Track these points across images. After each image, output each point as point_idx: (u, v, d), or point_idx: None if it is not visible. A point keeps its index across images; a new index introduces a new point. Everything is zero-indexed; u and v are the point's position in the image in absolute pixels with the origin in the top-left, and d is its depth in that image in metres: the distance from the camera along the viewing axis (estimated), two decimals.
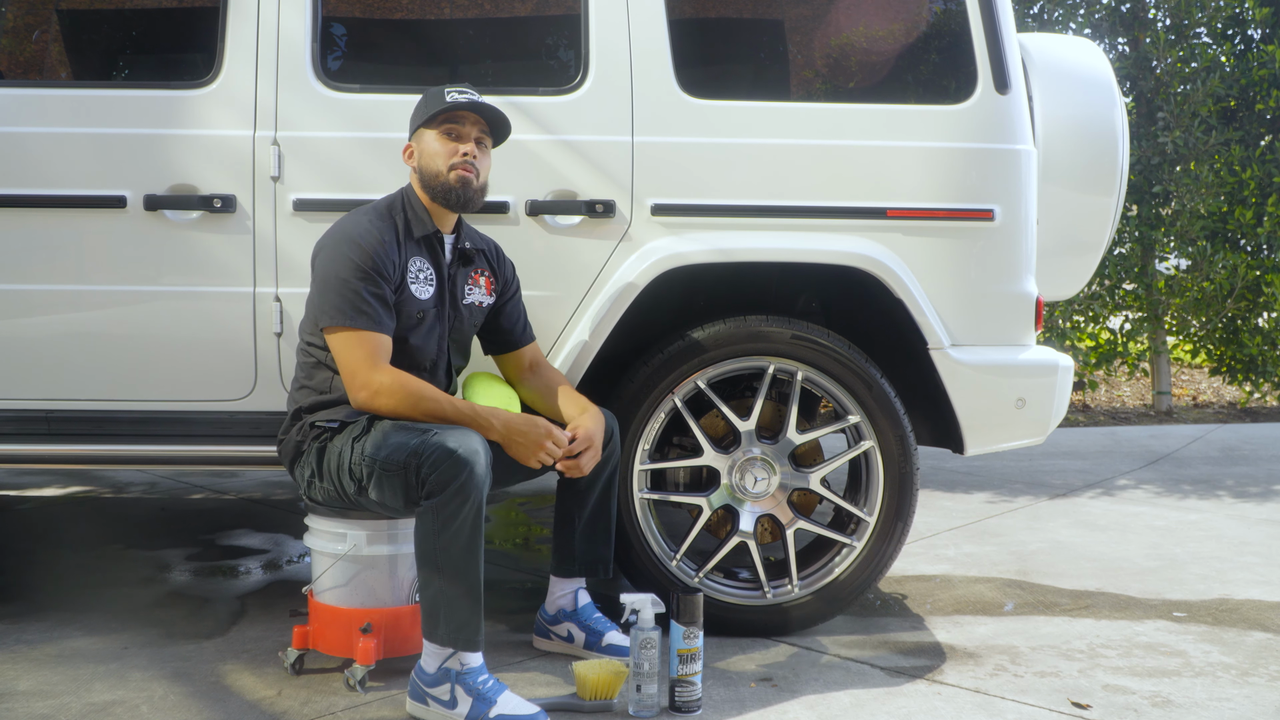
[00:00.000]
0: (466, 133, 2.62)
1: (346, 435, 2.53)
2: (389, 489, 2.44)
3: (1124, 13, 6.82)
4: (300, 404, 2.61)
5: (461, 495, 2.34)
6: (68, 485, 4.89)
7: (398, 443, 2.42)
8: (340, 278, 2.50)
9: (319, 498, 2.61)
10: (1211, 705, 2.61)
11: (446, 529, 2.36)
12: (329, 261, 2.52)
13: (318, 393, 2.60)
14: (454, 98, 2.59)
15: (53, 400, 2.88)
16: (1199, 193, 6.45)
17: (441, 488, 2.34)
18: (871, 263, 2.88)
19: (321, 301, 2.52)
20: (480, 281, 2.74)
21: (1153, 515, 4.56)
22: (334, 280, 2.50)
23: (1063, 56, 3.36)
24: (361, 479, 2.48)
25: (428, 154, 2.62)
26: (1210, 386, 8.41)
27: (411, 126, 2.67)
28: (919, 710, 2.55)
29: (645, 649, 2.48)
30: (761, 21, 3.30)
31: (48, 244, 2.84)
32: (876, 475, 2.96)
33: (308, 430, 2.58)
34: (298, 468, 2.61)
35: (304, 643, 2.69)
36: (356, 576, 2.64)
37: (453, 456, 2.34)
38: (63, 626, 3.02)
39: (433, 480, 2.35)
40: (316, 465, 2.56)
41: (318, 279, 2.55)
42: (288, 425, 2.63)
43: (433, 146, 2.62)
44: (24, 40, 3.26)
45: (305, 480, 2.60)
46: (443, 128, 2.61)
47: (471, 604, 2.38)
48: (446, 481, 2.34)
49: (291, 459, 2.62)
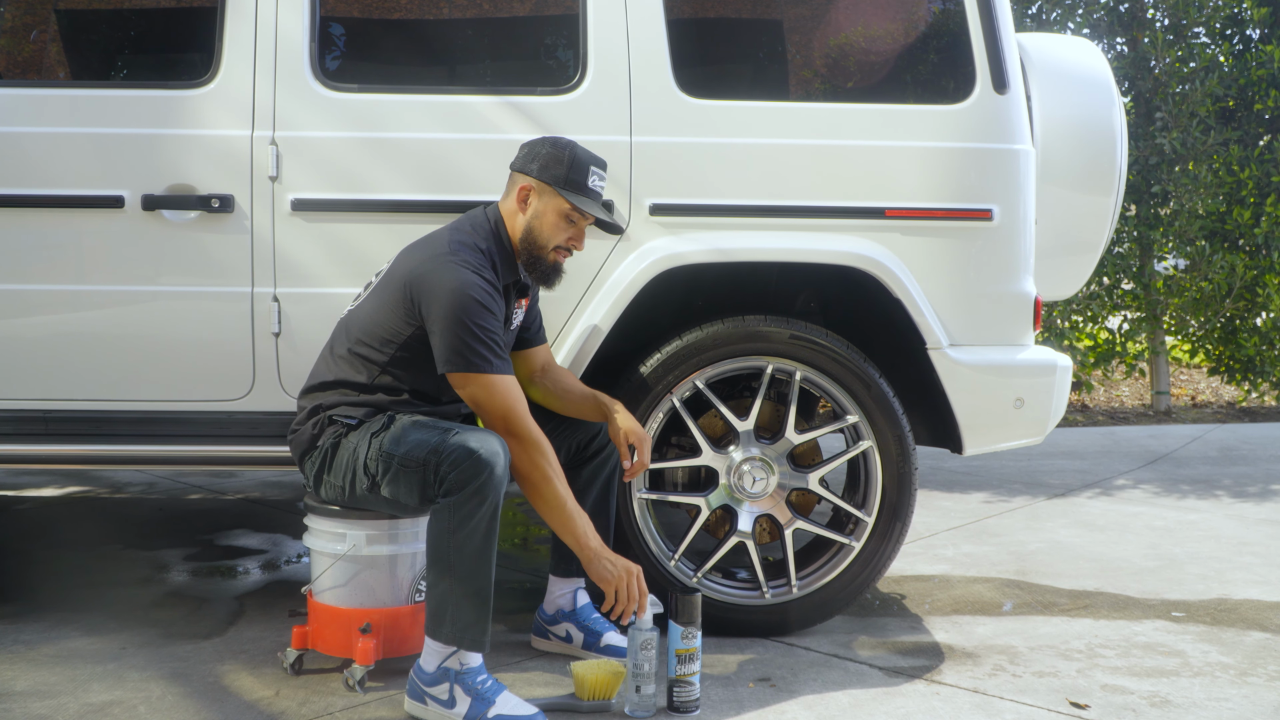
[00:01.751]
0: (586, 220, 2.61)
1: (364, 431, 2.52)
2: (405, 485, 2.43)
3: (1122, 13, 6.82)
4: (321, 400, 2.59)
5: (480, 496, 2.34)
6: (66, 485, 4.89)
7: (418, 439, 2.42)
8: (478, 324, 2.43)
9: (325, 494, 2.60)
10: (1210, 705, 2.61)
11: (462, 528, 2.35)
12: (456, 308, 2.43)
13: (352, 390, 2.57)
14: (595, 184, 2.59)
15: (51, 400, 2.88)
16: (1197, 193, 6.45)
17: (460, 487, 2.34)
18: (870, 262, 2.88)
19: (456, 344, 2.43)
20: (522, 304, 2.73)
21: (1151, 515, 4.56)
22: (469, 325, 2.42)
23: (1061, 56, 3.36)
24: (376, 474, 2.47)
25: (547, 224, 2.58)
26: (1209, 386, 8.42)
27: (536, 172, 2.58)
28: (917, 710, 2.55)
29: (644, 649, 2.48)
30: (760, 21, 3.30)
31: (46, 244, 2.84)
32: (875, 475, 2.96)
33: (325, 424, 2.56)
34: (308, 460, 2.60)
35: (303, 643, 2.69)
36: (356, 576, 2.64)
37: (474, 456, 2.33)
38: (60, 627, 3.01)
39: (452, 478, 2.35)
40: (329, 461, 2.55)
41: (441, 314, 2.44)
42: (304, 418, 2.61)
43: (553, 219, 2.58)
44: (22, 40, 3.26)
45: (313, 475, 2.59)
46: (575, 207, 2.57)
47: (479, 605, 2.38)
48: (466, 481, 2.34)
49: (303, 452, 2.61)
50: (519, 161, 2.63)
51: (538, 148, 2.61)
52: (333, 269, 2.87)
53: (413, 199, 2.86)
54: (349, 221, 2.87)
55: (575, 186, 2.57)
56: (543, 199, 2.59)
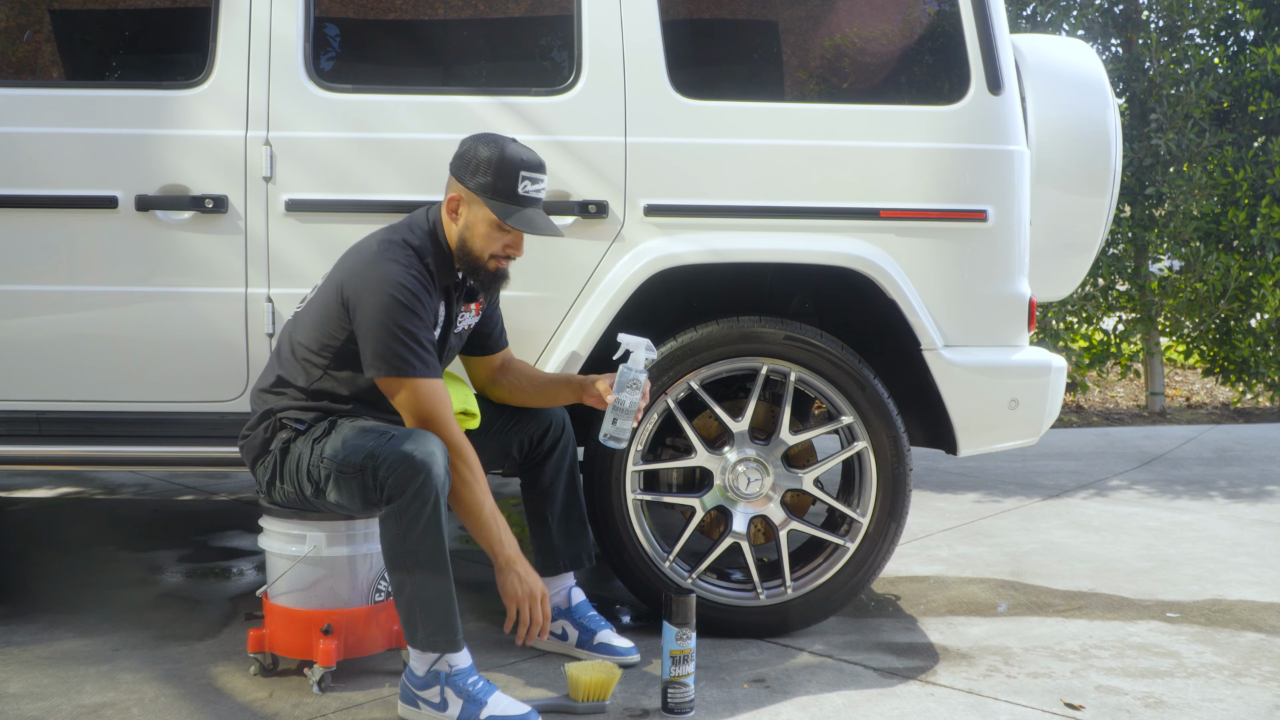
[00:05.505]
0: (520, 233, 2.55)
1: (308, 438, 2.52)
2: (346, 491, 2.44)
3: (1117, 14, 6.83)
4: (272, 404, 2.58)
5: (421, 498, 2.33)
6: (59, 486, 4.87)
7: (355, 445, 2.42)
8: (401, 326, 2.40)
9: (279, 499, 2.60)
10: (1204, 706, 2.61)
11: (410, 533, 2.35)
12: (379, 310, 2.40)
13: (299, 394, 2.56)
14: (526, 190, 2.49)
15: (44, 401, 2.87)
16: (1192, 194, 6.46)
17: (400, 491, 2.34)
18: (865, 263, 2.88)
19: (379, 348, 2.41)
20: (472, 307, 2.71)
21: (1146, 516, 4.56)
22: (391, 328, 2.40)
23: (1056, 58, 3.37)
24: (319, 481, 2.47)
25: (478, 234, 2.52)
26: (1203, 387, 8.42)
27: (465, 179, 2.51)
28: (912, 711, 2.55)
29: (631, 388, 2.59)
30: (755, 22, 3.30)
31: (39, 244, 2.83)
32: (870, 476, 2.96)
33: (276, 428, 2.56)
34: (260, 466, 2.59)
35: (260, 646, 2.67)
36: (316, 577, 2.62)
37: (409, 460, 2.33)
38: (54, 628, 3.00)
39: (391, 483, 2.34)
40: (278, 467, 2.55)
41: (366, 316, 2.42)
42: (255, 422, 2.60)
43: (484, 229, 2.51)
44: (15, 40, 3.25)
45: (265, 481, 2.59)
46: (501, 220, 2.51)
47: (446, 604, 2.38)
48: (405, 484, 2.33)
49: (255, 456, 2.60)
50: (453, 163, 2.56)
51: (469, 151, 2.53)
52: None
53: (407, 200, 2.85)
54: (343, 222, 2.86)
55: (504, 195, 2.49)
56: (472, 209, 2.52)
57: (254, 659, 2.68)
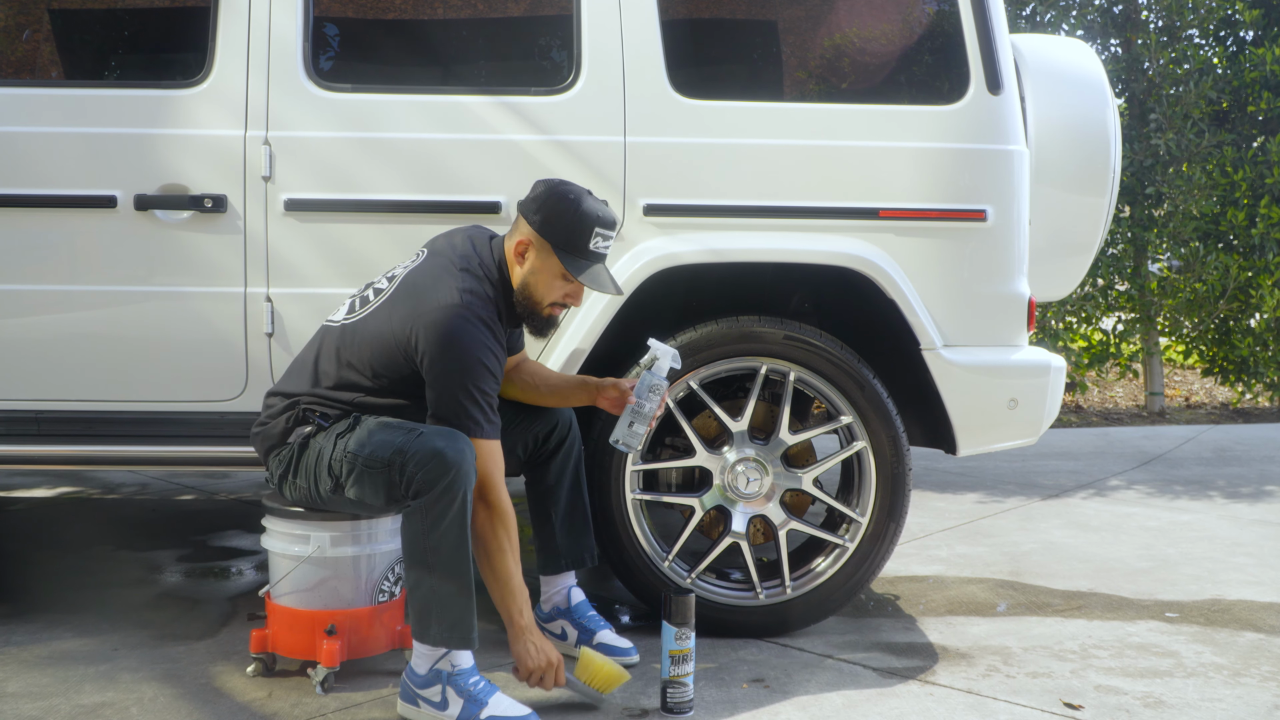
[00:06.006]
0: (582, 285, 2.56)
1: (330, 432, 2.51)
2: (370, 486, 2.43)
3: (1116, 14, 6.83)
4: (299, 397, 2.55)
5: (450, 494, 2.33)
6: (58, 486, 4.87)
7: (383, 440, 2.41)
8: (479, 389, 2.40)
9: (289, 495, 2.59)
10: (1203, 706, 2.61)
11: (436, 528, 2.35)
12: (461, 371, 2.40)
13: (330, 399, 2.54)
14: (598, 245, 2.51)
15: (43, 401, 2.87)
16: (1191, 194, 6.47)
17: (429, 487, 2.33)
18: (864, 263, 2.88)
19: (453, 404, 2.40)
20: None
21: (1145, 516, 4.56)
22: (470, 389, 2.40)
23: (1055, 57, 3.37)
24: (340, 475, 2.46)
25: (543, 282, 2.53)
26: (1202, 387, 8.43)
27: (537, 225, 2.51)
28: (911, 711, 2.55)
29: (652, 393, 2.61)
30: (754, 22, 3.30)
31: (38, 244, 2.83)
32: (869, 476, 2.96)
33: (299, 419, 2.53)
34: (275, 457, 2.57)
35: (263, 646, 2.66)
36: (320, 578, 2.62)
37: (440, 456, 2.33)
38: (53, 628, 3.00)
39: (420, 479, 2.34)
40: (295, 462, 2.54)
41: (443, 371, 2.40)
42: (277, 411, 2.57)
43: (548, 278, 2.52)
44: (14, 40, 3.25)
45: (278, 475, 2.57)
46: (569, 274, 2.51)
47: (464, 601, 2.38)
48: (434, 480, 2.33)
49: (271, 446, 2.57)
50: (525, 204, 2.55)
51: (546, 197, 2.52)
52: (326, 269, 2.86)
53: (406, 199, 2.85)
54: (342, 222, 2.86)
55: (575, 250, 2.50)
56: (540, 256, 2.53)
57: (255, 659, 2.68)
